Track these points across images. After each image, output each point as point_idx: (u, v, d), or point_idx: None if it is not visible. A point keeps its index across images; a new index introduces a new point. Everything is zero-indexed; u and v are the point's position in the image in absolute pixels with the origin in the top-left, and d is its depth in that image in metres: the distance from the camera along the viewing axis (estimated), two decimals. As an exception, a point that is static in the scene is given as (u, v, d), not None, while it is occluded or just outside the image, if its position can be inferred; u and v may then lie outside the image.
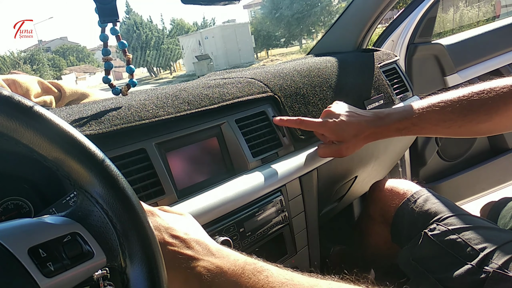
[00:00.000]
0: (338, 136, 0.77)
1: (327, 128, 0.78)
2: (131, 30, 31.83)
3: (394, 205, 0.93)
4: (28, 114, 0.34)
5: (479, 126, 0.70)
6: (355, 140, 0.77)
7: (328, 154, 0.81)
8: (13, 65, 33.80)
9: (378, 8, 1.17)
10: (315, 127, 0.79)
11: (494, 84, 0.69)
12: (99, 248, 0.38)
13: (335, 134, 0.77)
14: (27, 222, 0.36)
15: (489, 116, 0.68)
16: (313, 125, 0.79)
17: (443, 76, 1.47)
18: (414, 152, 1.47)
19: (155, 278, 0.39)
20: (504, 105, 0.67)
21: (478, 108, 0.69)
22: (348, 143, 0.77)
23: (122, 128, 0.61)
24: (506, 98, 0.67)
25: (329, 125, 0.77)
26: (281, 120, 0.81)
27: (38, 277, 0.33)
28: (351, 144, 0.77)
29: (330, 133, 0.78)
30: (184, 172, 0.68)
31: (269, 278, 0.43)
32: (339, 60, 1.05)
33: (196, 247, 0.47)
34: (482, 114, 0.69)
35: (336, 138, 0.78)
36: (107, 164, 0.39)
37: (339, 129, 0.76)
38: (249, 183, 0.70)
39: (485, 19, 2.71)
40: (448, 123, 0.71)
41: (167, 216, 0.50)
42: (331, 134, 0.78)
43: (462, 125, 0.70)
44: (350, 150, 0.78)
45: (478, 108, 0.69)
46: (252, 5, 41.17)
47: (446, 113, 0.71)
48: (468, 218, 0.79)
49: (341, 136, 0.77)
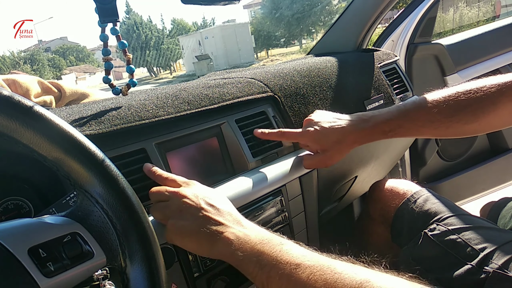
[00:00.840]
0: (321, 144, 0.74)
1: (307, 137, 0.74)
2: (131, 30, 31.84)
3: (394, 205, 0.93)
4: (28, 114, 0.34)
5: (466, 127, 0.68)
6: (339, 146, 0.73)
7: (313, 165, 0.77)
8: (13, 65, 33.80)
9: (378, 8, 1.17)
10: (296, 138, 0.77)
11: (482, 83, 0.67)
12: (99, 248, 0.38)
13: (317, 142, 0.74)
14: (27, 222, 0.36)
15: (476, 117, 0.67)
16: (294, 136, 0.76)
17: (443, 76, 1.47)
18: (414, 152, 1.47)
19: (155, 278, 0.39)
20: (492, 105, 0.65)
21: (464, 108, 0.67)
22: (331, 151, 0.73)
23: (122, 128, 0.61)
24: (493, 98, 0.65)
25: (309, 134, 0.74)
26: (262, 133, 0.77)
27: (38, 277, 0.33)
28: (335, 152, 0.73)
29: (312, 142, 0.75)
30: (184, 172, 0.68)
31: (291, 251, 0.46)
32: (339, 60, 1.05)
33: (227, 217, 0.52)
34: (469, 115, 0.67)
35: (319, 147, 0.74)
36: (107, 164, 0.39)
37: (320, 137, 0.73)
38: (249, 183, 0.70)
39: (485, 19, 2.71)
40: (436, 124, 0.69)
41: (204, 187, 0.57)
42: (313, 143, 0.75)
43: (449, 126, 0.69)
44: (335, 158, 0.74)
45: (465, 108, 0.67)
46: (252, 5, 41.18)
47: (432, 114, 0.69)
48: (468, 218, 0.79)
49: (323, 144, 0.73)
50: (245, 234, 0.49)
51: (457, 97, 0.68)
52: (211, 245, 0.49)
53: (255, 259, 0.46)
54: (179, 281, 0.61)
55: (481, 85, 0.67)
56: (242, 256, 0.47)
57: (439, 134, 0.72)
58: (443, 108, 0.68)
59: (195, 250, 0.52)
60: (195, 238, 0.50)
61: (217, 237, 0.49)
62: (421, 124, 0.70)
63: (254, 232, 0.50)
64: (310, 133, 0.74)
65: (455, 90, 0.69)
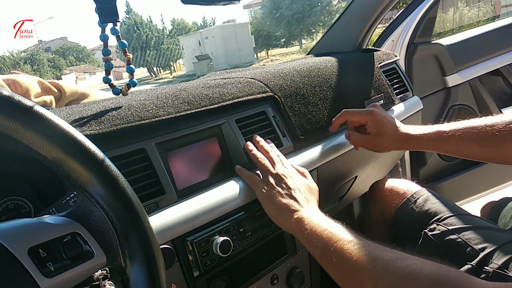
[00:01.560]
0: (379, 128, 0.80)
1: (374, 116, 0.80)
2: (131, 30, 31.83)
3: (394, 205, 0.93)
4: (28, 114, 0.34)
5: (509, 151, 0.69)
6: (391, 139, 0.79)
7: (363, 144, 0.83)
8: (13, 65, 33.80)
9: (378, 8, 1.16)
10: (361, 115, 0.82)
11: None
12: (99, 248, 0.38)
13: (377, 125, 0.80)
14: (27, 222, 0.36)
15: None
16: (359, 113, 0.82)
17: (443, 76, 1.47)
18: (414, 152, 1.47)
19: (155, 278, 0.39)
20: None
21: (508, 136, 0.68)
22: (384, 137, 0.80)
23: (122, 128, 0.61)
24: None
25: (376, 114, 0.80)
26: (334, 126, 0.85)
27: (38, 277, 0.33)
28: (386, 140, 0.80)
29: (373, 123, 0.80)
30: (184, 172, 0.68)
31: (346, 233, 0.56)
32: (339, 60, 1.05)
33: (305, 203, 0.66)
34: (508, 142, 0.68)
35: (377, 130, 0.80)
36: (107, 164, 0.39)
37: (383, 121, 0.80)
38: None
39: (485, 19, 2.71)
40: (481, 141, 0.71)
41: (293, 170, 0.71)
42: (374, 123, 0.80)
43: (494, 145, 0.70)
44: (385, 147, 0.81)
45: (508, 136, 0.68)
46: (252, 5, 41.16)
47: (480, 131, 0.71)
48: (468, 218, 0.79)
49: (381, 129, 0.79)
50: (313, 217, 0.61)
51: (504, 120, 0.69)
52: (286, 219, 0.63)
53: (316, 236, 0.58)
54: (179, 281, 0.61)
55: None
56: (308, 233, 0.59)
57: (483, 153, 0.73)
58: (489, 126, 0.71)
59: (272, 216, 0.66)
60: (276, 207, 0.65)
61: (292, 214, 0.63)
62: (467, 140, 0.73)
63: (320, 217, 0.62)
64: (376, 113, 0.81)
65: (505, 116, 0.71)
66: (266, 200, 0.66)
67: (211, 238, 0.63)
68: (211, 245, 0.63)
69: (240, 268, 0.70)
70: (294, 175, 0.70)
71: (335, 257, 0.53)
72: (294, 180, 0.69)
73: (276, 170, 0.69)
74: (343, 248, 0.53)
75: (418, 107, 1.18)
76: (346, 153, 0.91)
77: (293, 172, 0.71)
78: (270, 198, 0.66)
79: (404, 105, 1.13)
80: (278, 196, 0.65)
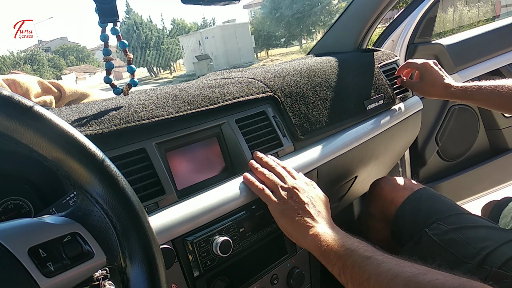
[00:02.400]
0: (428, 74, 1.00)
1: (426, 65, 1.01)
2: (131, 30, 31.83)
3: (395, 204, 0.93)
4: (28, 114, 0.34)
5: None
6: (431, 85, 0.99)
7: (409, 85, 1.09)
8: (13, 65, 33.81)
9: (378, 8, 1.16)
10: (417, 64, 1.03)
11: None
12: (99, 248, 0.38)
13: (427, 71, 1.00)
14: (27, 222, 0.36)
15: None
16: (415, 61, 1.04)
17: (443, 76, 1.47)
18: (414, 152, 1.47)
19: (155, 278, 0.39)
20: None
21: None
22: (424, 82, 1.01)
23: (122, 128, 0.61)
24: None
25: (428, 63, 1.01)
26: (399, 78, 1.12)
27: (38, 277, 0.33)
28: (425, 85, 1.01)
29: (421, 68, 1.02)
30: (184, 172, 0.68)
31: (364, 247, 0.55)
32: (339, 60, 1.05)
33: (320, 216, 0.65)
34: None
35: (421, 75, 1.02)
36: (107, 164, 0.39)
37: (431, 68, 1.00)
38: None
39: (485, 19, 2.71)
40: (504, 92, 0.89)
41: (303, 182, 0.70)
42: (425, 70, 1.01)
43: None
44: (423, 90, 1.03)
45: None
46: (252, 5, 41.15)
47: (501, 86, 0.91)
48: (468, 218, 0.79)
49: (429, 75, 1.00)
50: (329, 232, 0.60)
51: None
52: (302, 235, 0.62)
53: (334, 251, 0.57)
54: (179, 281, 0.61)
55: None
56: (325, 249, 0.58)
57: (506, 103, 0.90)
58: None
59: (288, 232, 0.66)
60: (291, 224, 0.64)
61: (308, 230, 0.62)
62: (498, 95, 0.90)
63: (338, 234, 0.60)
64: (427, 63, 1.02)
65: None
66: (280, 216, 0.65)
67: (211, 238, 0.63)
68: (211, 245, 0.63)
69: (240, 268, 0.70)
70: (306, 187, 0.69)
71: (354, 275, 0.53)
72: (306, 192, 0.68)
73: (286, 184, 0.68)
74: (362, 265, 0.52)
75: (418, 107, 1.18)
76: (346, 153, 0.91)
77: (304, 184, 0.70)
78: (284, 214, 0.65)
79: (404, 105, 1.13)
80: (291, 212, 0.64)
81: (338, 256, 0.56)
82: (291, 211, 0.64)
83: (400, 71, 1.09)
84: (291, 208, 0.64)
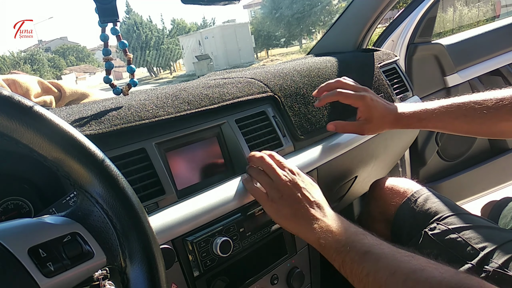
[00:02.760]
0: (369, 113, 0.79)
1: (364, 101, 0.79)
2: (131, 30, 31.83)
3: (394, 204, 0.93)
4: (28, 114, 0.34)
5: (501, 125, 0.71)
6: (381, 121, 0.80)
7: (349, 129, 0.83)
8: (13, 65, 33.82)
9: (378, 8, 1.16)
10: (353, 98, 0.80)
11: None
12: (99, 248, 0.38)
13: (368, 110, 0.79)
14: (27, 222, 0.36)
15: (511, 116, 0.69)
16: (352, 96, 0.80)
17: (443, 76, 1.47)
18: (414, 152, 1.47)
19: (155, 278, 0.39)
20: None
21: (500, 107, 0.70)
22: (374, 122, 0.80)
23: (122, 128, 0.61)
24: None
25: (367, 99, 0.79)
26: (320, 97, 0.82)
27: (38, 277, 0.33)
28: (376, 125, 0.80)
29: (364, 108, 0.80)
30: (184, 172, 0.68)
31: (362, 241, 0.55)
32: (339, 60, 1.05)
33: (317, 209, 0.62)
34: (503, 113, 0.70)
35: (366, 115, 0.80)
36: (107, 164, 0.39)
37: (373, 105, 0.79)
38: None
39: (485, 19, 2.71)
40: (469, 119, 0.73)
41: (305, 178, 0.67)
42: (365, 108, 0.79)
43: (483, 122, 0.71)
44: (372, 130, 0.82)
45: (501, 107, 0.70)
46: (252, 5, 41.16)
47: (468, 109, 0.73)
48: (468, 218, 0.79)
49: (371, 113, 0.79)
50: (328, 225, 0.59)
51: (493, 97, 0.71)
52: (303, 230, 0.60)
53: (334, 246, 0.56)
54: (179, 281, 0.61)
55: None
56: (324, 244, 0.57)
57: (471, 130, 0.75)
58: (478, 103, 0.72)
59: (290, 229, 0.63)
60: (291, 222, 0.62)
61: (307, 225, 0.60)
62: (455, 117, 0.74)
63: (336, 224, 0.59)
64: (367, 98, 0.79)
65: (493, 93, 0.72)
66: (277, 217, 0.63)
67: (211, 238, 0.63)
68: (211, 245, 0.63)
69: (240, 268, 0.70)
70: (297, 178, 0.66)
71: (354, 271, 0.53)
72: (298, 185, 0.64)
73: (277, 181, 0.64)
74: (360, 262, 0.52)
75: (418, 107, 1.18)
76: (346, 153, 0.91)
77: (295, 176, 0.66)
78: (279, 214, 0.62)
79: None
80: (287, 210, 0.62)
81: (337, 252, 0.56)
82: (287, 211, 0.62)
83: (321, 102, 0.82)
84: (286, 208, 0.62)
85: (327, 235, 0.58)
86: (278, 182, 0.64)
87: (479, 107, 0.72)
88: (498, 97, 0.71)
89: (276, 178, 0.64)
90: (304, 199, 0.63)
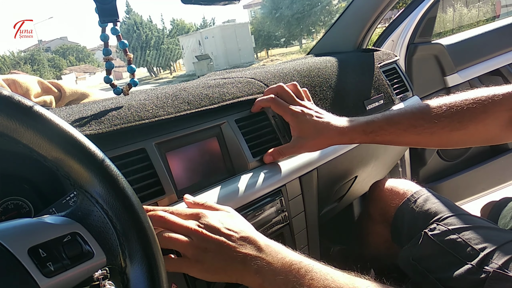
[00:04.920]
0: (299, 129, 0.72)
1: (294, 117, 0.72)
2: (131, 30, 31.84)
3: (394, 205, 0.93)
4: (28, 114, 0.34)
5: (452, 134, 0.65)
6: (318, 138, 0.71)
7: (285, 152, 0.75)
8: (13, 65, 33.84)
9: (378, 8, 1.17)
10: (283, 111, 0.73)
11: (474, 93, 0.65)
12: (99, 248, 0.38)
13: (297, 126, 0.72)
14: (27, 222, 0.36)
15: (463, 124, 0.64)
16: (283, 109, 0.73)
17: (443, 76, 1.47)
18: (414, 152, 1.47)
19: (155, 278, 0.39)
20: (483, 113, 0.62)
21: (451, 115, 0.65)
22: (309, 139, 0.72)
23: (122, 128, 0.61)
24: (485, 106, 0.62)
25: (297, 115, 0.72)
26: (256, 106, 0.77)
27: (38, 277, 0.33)
28: (311, 142, 0.72)
29: (294, 124, 0.73)
30: (184, 172, 0.68)
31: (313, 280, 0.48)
32: (339, 60, 1.05)
33: (248, 245, 0.52)
34: (455, 121, 0.64)
35: (298, 131, 0.73)
36: (107, 164, 0.39)
37: (304, 121, 0.71)
38: (249, 183, 0.70)
39: (485, 19, 2.71)
40: (419, 129, 0.67)
41: (218, 215, 0.55)
42: (294, 125, 0.73)
43: (433, 132, 0.66)
44: (310, 147, 0.73)
45: (452, 115, 0.65)
46: (252, 5, 41.17)
47: (416, 119, 0.67)
48: (468, 218, 0.79)
49: (302, 130, 0.72)
50: (267, 262, 0.50)
51: (443, 105, 0.66)
52: (241, 277, 0.51)
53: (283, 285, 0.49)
54: (179, 281, 0.61)
55: (473, 95, 0.65)
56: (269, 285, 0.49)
57: (422, 141, 0.69)
58: (428, 113, 0.66)
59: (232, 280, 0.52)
60: (227, 272, 0.51)
61: (245, 268, 0.50)
62: (404, 128, 0.68)
63: (276, 259, 0.51)
64: (299, 114, 0.72)
65: (444, 99, 0.67)
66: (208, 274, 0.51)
67: (211, 238, 0.63)
68: (211, 245, 0.63)
69: (240, 268, 0.70)
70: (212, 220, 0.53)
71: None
72: (219, 223, 0.53)
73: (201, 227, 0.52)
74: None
75: (418, 107, 1.18)
76: (345, 153, 0.91)
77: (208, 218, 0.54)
78: (209, 269, 0.51)
79: (404, 105, 1.13)
80: (214, 260, 0.51)
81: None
82: (215, 263, 0.51)
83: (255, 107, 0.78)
84: (214, 256, 0.51)
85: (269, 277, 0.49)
86: (194, 238, 0.51)
87: (429, 116, 0.66)
88: (447, 103, 0.65)
89: (189, 233, 0.52)
90: (228, 238, 0.51)
